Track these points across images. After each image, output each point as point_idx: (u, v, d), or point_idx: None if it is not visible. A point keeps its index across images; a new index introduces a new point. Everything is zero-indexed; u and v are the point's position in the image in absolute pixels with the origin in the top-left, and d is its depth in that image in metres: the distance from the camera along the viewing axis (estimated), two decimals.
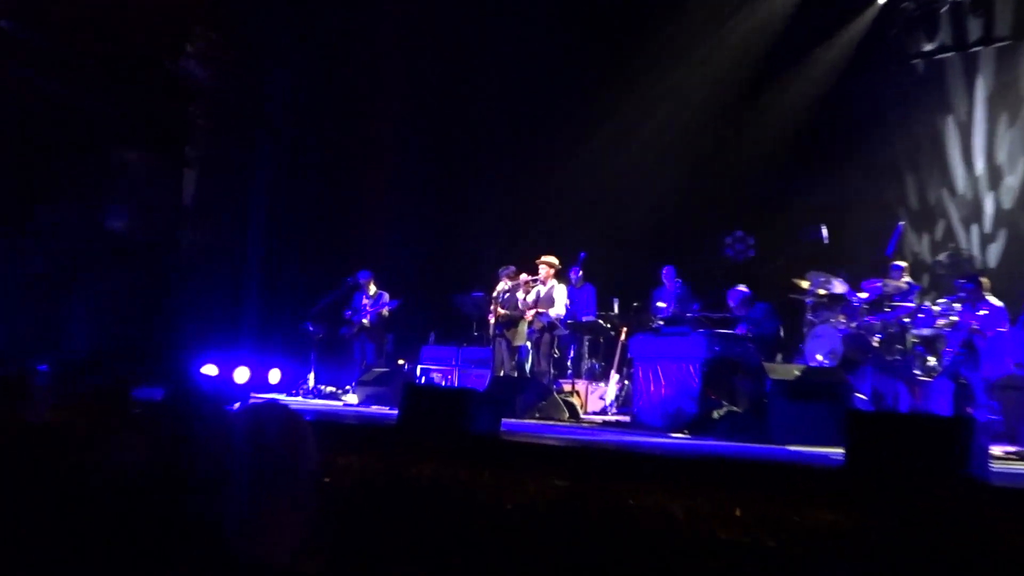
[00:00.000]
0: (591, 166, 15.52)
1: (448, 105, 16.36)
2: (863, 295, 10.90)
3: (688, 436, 8.35)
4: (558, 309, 11.91)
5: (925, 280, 13.06)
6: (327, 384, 13.90)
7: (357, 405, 12.04)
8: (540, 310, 11.84)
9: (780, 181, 14.02)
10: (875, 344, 10.37)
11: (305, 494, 2.30)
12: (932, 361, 10.31)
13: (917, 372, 10.18)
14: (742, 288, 11.11)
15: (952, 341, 9.86)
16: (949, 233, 13.26)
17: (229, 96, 15.16)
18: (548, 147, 15.74)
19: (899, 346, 10.45)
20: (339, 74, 15.93)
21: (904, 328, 10.52)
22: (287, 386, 13.56)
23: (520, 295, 12.02)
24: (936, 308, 10.31)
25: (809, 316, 11.00)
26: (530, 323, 12.05)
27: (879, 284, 10.65)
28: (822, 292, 11.05)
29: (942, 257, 13.04)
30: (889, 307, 10.52)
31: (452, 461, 5.45)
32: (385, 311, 13.64)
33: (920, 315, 10.35)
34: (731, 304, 11.01)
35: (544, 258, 12.15)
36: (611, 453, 5.82)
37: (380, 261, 14.96)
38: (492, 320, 12.18)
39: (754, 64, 14.64)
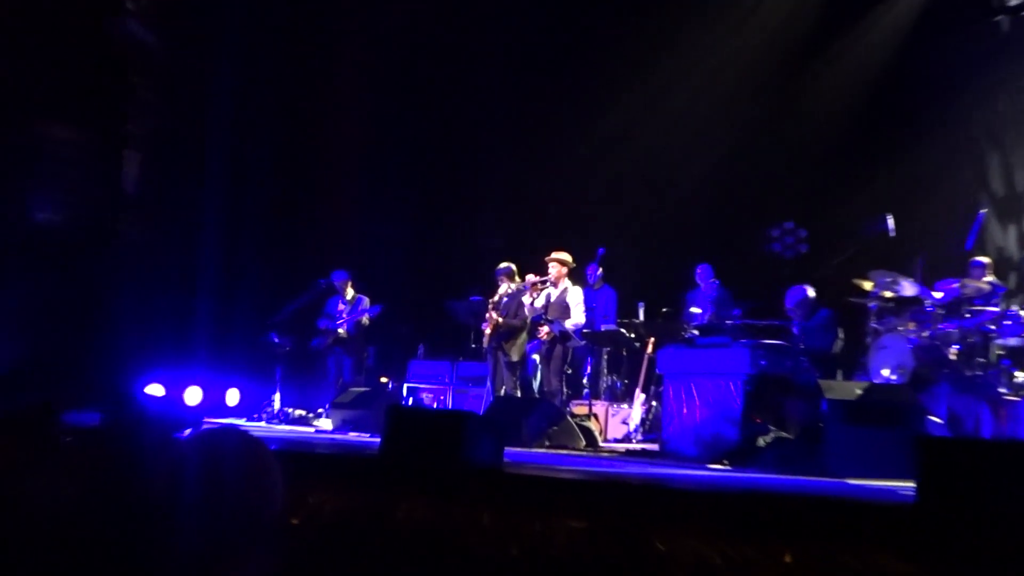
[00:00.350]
0: (612, 144, 15.52)
1: (440, 71, 16.38)
2: (938, 297, 10.87)
3: (728, 468, 8.34)
4: (575, 317, 11.90)
5: (1012, 280, 13.03)
6: (295, 407, 13.91)
7: (331, 432, 12.04)
8: (551, 318, 11.83)
9: (837, 163, 14.01)
10: (952, 357, 10.35)
11: (268, 538, 2.29)
12: (1021, 377, 10.29)
13: (1003, 390, 10.16)
14: (807, 289, 11.01)
15: None
16: None
17: (179, 64, 15.17)
18: (560, 122, 15.75)
19: (981, 359, 10.42)
20: (311, 38, 15.96)
21: (987, 337, 10.50)
22: (248, 409, 13.57)
23: (527, 299, 12.01)
24: None
25: (873, 324, 10.99)
26: (534, 334, 12.05)
27: (956, 285, 10.64)
28: (888, 295, 11.03)
29: None
30: (969, 312, 10.51)
31: (446, 499, 5.43)
32: (365, 319, 13.65)
33: (1006, 321, 10.34)
34: (788, 306, 10.95)
35: (555, 255, 12.14)
36: (636, 488, 5.81)
37: (359, 259, 14.98)
38: (487, 330, 12.18)
39: (806, 25, 14.65)
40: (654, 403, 12.06)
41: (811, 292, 11.00)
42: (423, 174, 16.80)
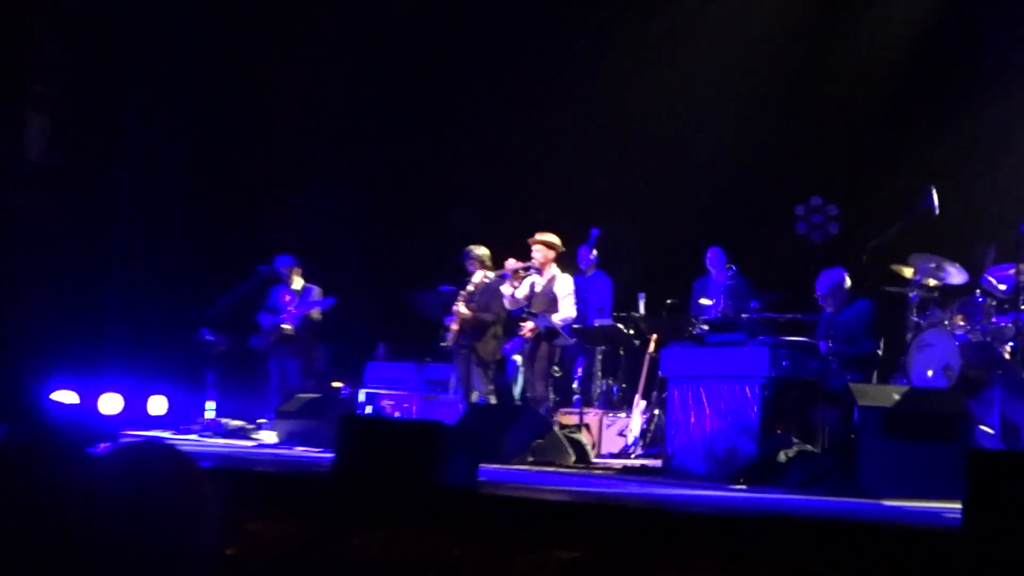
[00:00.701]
0: (609, 106, 15.53)
1: (405, 19, 16.35)
2: (1001, 287, 10.91)
3: (744, 487, 8.38)
4: (564, 310, 11.92)
5: None
6: (232, 416, 13.90)
7: (275, 446, 12.04)
8: (535, 311, 11.86)
9: (875, 128, 14.06)
10: (1006, 356, 10.41)
11: (200, 573, 2.30)
12: None
13: None
14: (843, 274, 10.84)
15: None
16: None
17: (92, 15, 15.10)
18: (549, 78, 15.74)
19: None
20: None
21: None
22: (175, 419, 13.54)
23: (506, 289, 12.03)
24: None
25: (914, 317, 11.03)
26: (516, 330, 12.07)
27: (1011, 272, 10.68)
28: (932, 283, 11.08)
29: None
30: None
31: (410, 527, 5.45)
32: (315, 313, 13.63)
33: None
34: (819, 292, 10.87)
35: (540, 236, 12.15)
36: (636, 512, 5.84)
37: (308, 241, 14.95)
38: (454, 326, 12.19)
39: None
40: (656, 411, 12.09)
41: (847, 279, 10.97)
42: (384, 138, 16.76)
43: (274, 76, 15.83)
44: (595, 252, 13.25)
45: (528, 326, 11.93)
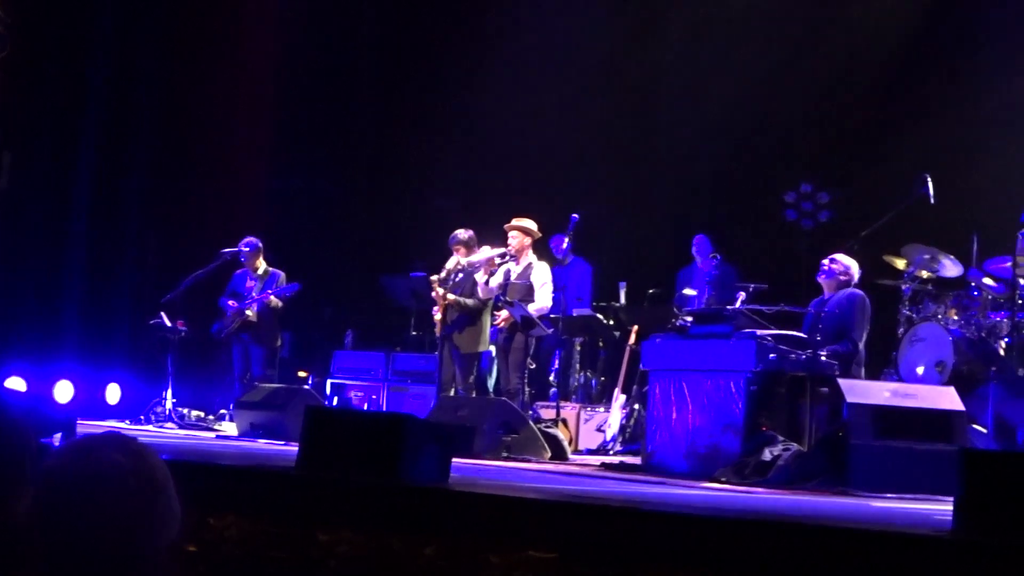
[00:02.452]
0: (592, 85, 15.53)
1: None
2: (986, 280, 10.98)
3: (728, 486, 8.41)
4: (541, 300, 11.94)
5: None
6: (192, 407, 13.87)
7: (237, 438, 12.03)
8: (510, 300, 11.87)
9: (867, 114, 14.09)
10: (1002, 352, 10.46)
11: (159, 571, 2.30)
12: None
13: None
14: (843, 259, 10.71)
15: None
16: None
17: None
18: (529, 56, 15.72)
19: None
20: None
21: None
22: (132, 409, 13.52)
23: (480, 277, 12.03)
24: None
25: (906, 311, 11.09)
26: (491, 320, 12.08)
27: (1009, 264, 10.73)
28: (925, 275, 11.13)
29: None
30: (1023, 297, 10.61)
31: (379, 525, 5.45)
32: (274, 300, 13.59)
33: None
34: (823, 271, 10.74)
35: (516, 221, 12.15)
36: (614, 511, 5.85)
37: (273, 223, 14.92)
38: (438, 315, 12.17)
39: None
40: (637, 406, 12.11)
41: (857, 271, 10.93)
42: (354, 116, 16.72)
43: (242, 56, 15.76)
44: (567, 241, 13.21)
45: (503, 315, 11.94)
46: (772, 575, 4.53)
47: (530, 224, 12.14)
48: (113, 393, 13.68)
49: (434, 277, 12.23)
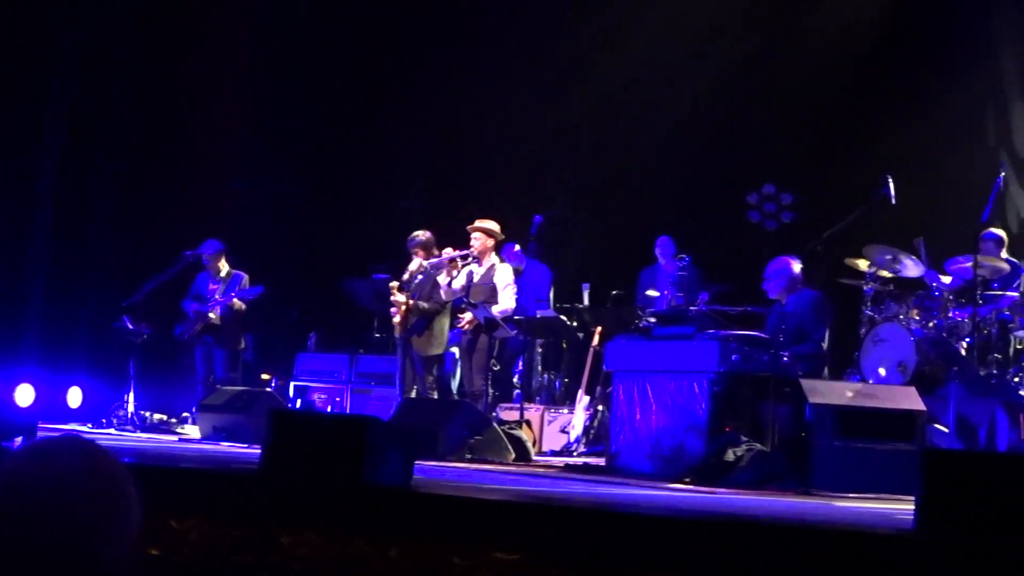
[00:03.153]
0: (556, 88, 15.55)
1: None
2: (946, 280, 11.04)
3: (692, 486, 8.42)
4: (504, 302, 11.94)
5: None
6: (154, 410, 13.81)
7: (200, 441, 11.98)
8: (473, 302, 11.86)
9: (830, 116, 14.16)
10: (963, 352, 10.52)
11: (119, 573, 2.29)
12: None
13: (1023, 392, 10.36)
14: (791, 263, 10.67)
15: None
16: None
17: None
18: (493, 59, 15.72)
19: (997, 355, 10.61)
20: None
21: (1005, 328, 10.68)
22: (95, 413, 13.42)
23: (443, 279, 12.03)
24: None
25: (868, 311, 11.13)
26: (454, 322, 12.06)
27: (969, 264, 10.78)
28: (887, 275, 11.18)
29: None
30: (984, 298, 10.68)
31: (342, 527, 5.44)
32: (237, 303, 13.54)
33: None
34: (765, 275, 10.74)
35: (479, 223, 12.15)
36: (578, 513, 5.86)
37: (235, 226, 14.87)
38: (397, 318, 12.16)
39: None
40: (600, 407, 12.13)
41: (796, 266, 10.89)
42: (317, 118, 16.67)
43: (204, 56, 15.70)
44: (518, 247, 13.23)
45: (466, 317, 11.94)
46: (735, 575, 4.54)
47: (493, 226, 12.14)
48: (75, 397, 13.56)
49: (393, 283, 12.22)
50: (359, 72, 16.46)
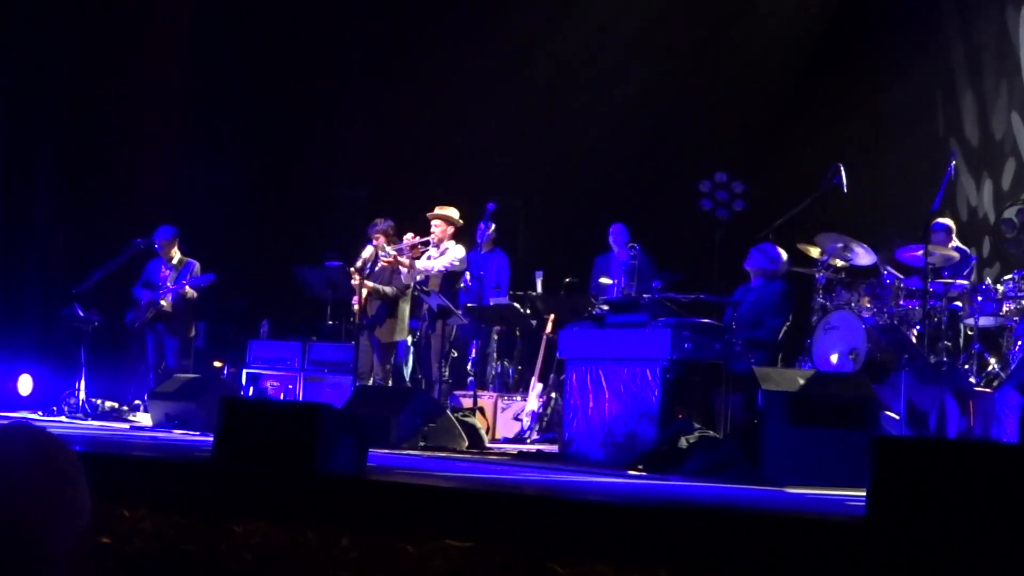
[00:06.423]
0: (505, 73, 15.52)
1: None
2: (891, 270, 11.11)
3: (644, 474, 8.45)
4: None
5: (986, 246, 13.39)
6: (105, 398, 13.72)
7: (151, 429, 11.91)
8: (428, 290, 11.85)
9: (782, 104, 14.22)
10: (913, 339, 10.60)
11: (70, 564, 2.27)
12: (994, 364, 10.58)
13: (972, 380, 10.44)
14: (772, 249, 10.83)
15: None
16: (1022, 178, 13.58)
17: None
18: (441, 44, 15.69)
19: (947, 342, 10.70)
20: None
21: (955, 317, 10.77)
22: (45, 400, 13.36)
23: (408, 260, 12.03)
24: (1000, 288, 10.56)
25: (820, 299, 11.19)
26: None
27: (919, 252, 10.85)
28: (839, 263, 11.24)
29: (1011, 213, 13.33)
30: (934, 286, 10.75)
31: (295, 516, 5.43)
32: (188, 291, 13.45)
33: (978, 297, 10.60)
34: (752, 264, 10.84)
35: (440, 210, 12.16)
36: (531, 500, 5.86)
37: (186, 213, 14.78)
38: (356, 304, 12.13)
39: None
40: (553, 395, 12.15)
41: (784, 263, 11.03)
42: (265, 106, 16.59)
43: (150, 46, 15.59)
44: (493, 227, 13.23)
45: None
46: (686, 563, 4.56)
47: (452, 212, 12.16)
48: (25, 384, 13.51)
49: (353, 268, 12.19)
50: (305, 59, 16.39)
